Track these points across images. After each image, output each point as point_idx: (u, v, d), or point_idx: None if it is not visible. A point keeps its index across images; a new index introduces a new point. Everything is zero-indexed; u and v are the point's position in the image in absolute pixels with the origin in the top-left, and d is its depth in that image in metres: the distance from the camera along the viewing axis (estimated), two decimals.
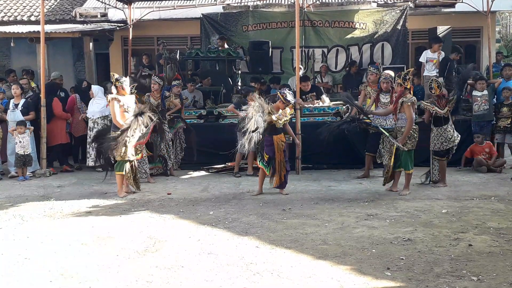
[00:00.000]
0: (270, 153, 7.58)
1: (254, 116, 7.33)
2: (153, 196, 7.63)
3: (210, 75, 11.54)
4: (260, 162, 7.72)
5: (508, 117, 9.28)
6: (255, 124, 7.24)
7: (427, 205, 6.78)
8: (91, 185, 8.56)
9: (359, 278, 4.39)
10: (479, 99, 9.28)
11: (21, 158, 9.13)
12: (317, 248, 5.16)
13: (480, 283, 4.22)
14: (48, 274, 4.60)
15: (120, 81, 7.67)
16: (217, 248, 5.20)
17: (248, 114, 7.37)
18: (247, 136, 7.23)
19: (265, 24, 12.53)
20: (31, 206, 7.14)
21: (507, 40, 22.68)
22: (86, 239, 5.58)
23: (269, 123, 7.44)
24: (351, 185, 8.18)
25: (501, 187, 7.80)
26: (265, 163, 7.63)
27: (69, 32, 11.93)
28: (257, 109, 7.41)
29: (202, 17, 12.63)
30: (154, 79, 9.29)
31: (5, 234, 5.85)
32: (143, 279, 4.45)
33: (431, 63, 9.50)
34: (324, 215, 6.35)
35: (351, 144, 9.29)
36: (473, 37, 13.83)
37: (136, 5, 12.62)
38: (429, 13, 12.96)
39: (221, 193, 7.77)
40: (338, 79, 12.53)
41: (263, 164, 7.67)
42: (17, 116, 9.39)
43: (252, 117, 7.30)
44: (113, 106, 7.52)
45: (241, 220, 6.24)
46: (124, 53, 14.14)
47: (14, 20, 13.81)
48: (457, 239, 5.32)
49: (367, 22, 12.32)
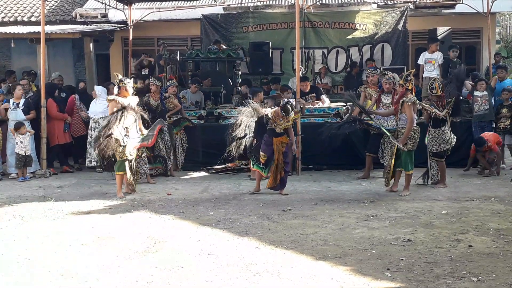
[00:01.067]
0: (269, 153, 7.58)
1: (244, 122, 7.36)
2: (153, 196, 7.63)
3: (210, 76, 11.55)
4: (255, 165, 7.73)
5: (508, 118, 9.29)
6: (245, 130, 7.26)
7: (427, 206, 6.78)
8: (91, 185, 8.57)
9: (359, 278, 4.39)
10: (479, 99, 9.30)
11: (22, 158, 9.13)
12: (317, 248, 5.16)
13: (480, 284, 4.22)
14: (48, 274, 4.60)
15: (124, 82, 7.71)
16: (217, 249, 5.20)
17: (238, 120, 7.40)
18: (235, 142, 7.26)
19: (265, 25, 12.54)
20: (31, 206, 7.14)
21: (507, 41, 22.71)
22: (86, 240, 5.58)
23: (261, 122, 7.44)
24: (351, 186, 8.18)
25: (501, 188, 7.80)
26: (262, 165, 7.64)
27: (69, 33, 11.95)
28: (248, 115, 7.44)
29: (202, 18, 12.63)
30: (152, 80, 9.32)
31: (5, 235, 5.85)
32: (143, 279, 4.46)
33: (430, 64, 9.50)
34: (324, 216, 6.36)
35: (351, 144, 9.29)
36: (473, 38, 13.84)
37: (136, 6, 12.62)
38: (429, 14, 12.98)
39: (221, 193, 7.77)
40: (337, 80, 12.55)
41: (258, 166, 7.68)
42: (18, 115, 9.41)
43: (241, 123, 7.33)
44: (111, 108, 7.53)
45: (241, 220, 6.24)
46: (124, 54, 14.15)
47: (14, 21, 13.82)
48: (457, 240, 5.32)
49: (367, 23, 12.34)
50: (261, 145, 7.63)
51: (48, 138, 9.61)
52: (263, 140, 7.60)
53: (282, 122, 7.54)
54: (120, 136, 7.36)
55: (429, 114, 7.88)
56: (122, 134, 7.39)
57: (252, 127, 7.36)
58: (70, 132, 10.11)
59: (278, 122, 7.53)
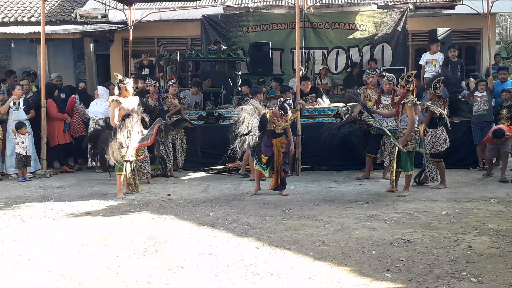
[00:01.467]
0: (269, 153, 7.59)
1: (247, 119, 7.36)
2: (153, 197, 7.63)
3: (210, 76, 11.55)
4: (257, 164, 7.73)
5: (508, 118, 9.28)
6: (248, 127, 7.26)
7: (427, 206, 6.78)
8: (91, 185, 8.57)
9: (359, 279, 4.39)
10: (479, 100, 9.30)
11: (22, 158, 9.13)
12: (317, 249, 5.16)
13: (480, 284, 4.22)
14: (48, 274, 4.60)
15: (123, 82, 7.69)
16: (217, 249, 5.20)
17: (240, 117, 7.40)
18: (239, 139, 7.26)
19: (265, 26, 12.55)
20: (31, 206, 7.14)
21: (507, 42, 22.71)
22: (86, 240, 5.58)
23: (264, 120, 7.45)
24: (351, 187, 8.18)
25: (501, 189, 7.80)
26: (263, 164, 7.65)
27: (69, 33, 11.94)
28: (250, 112, 7.44)
29: (203, 18, 12.64)
30: (149, 81, 9.33)
31: (5, 235, 5.84)
32: (143, 279, 4.46)
33: (431, 65, 9.50)
34: (324, 216, 6.36)
35: (351, 145, 9.29)
36: (473, 39, 13.83)
37: (137, 6, 12.62)
38: (429, 15, 12.97)
39: (221, 194, 7.77)
40: (337, 81, 12.56)
41: (260, 166, 7.68)
42: (20, 115, 9.42)
43: (244, 120, 7.33)
44: (113, 108, 7.53)
45: (241, 221, 6.24)
46: (124, 54, 14.14)
47: (14, 21, 13.80)
48: (457, 241, 5.32)
49: (367, 24, 12.35)
50: (261, 146, 7.63)
51: (48, 139, 9.61)
52: (262, 141, 7.59)
53: (281, 122, 7.54)
54: (123, 138, 7.36)
55: (430, 115, 7.84)
56: (125, 136, 7.40)
57: (254, 125, 7.35)
58: (70, 133, 10.12)
59: (277, 123, 7.54)
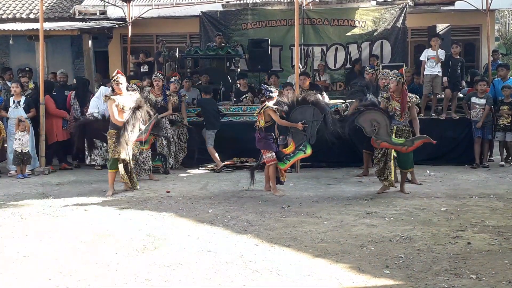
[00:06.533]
0: (274, 149, 7.56)
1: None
2: (152, 194, 7.63)
3: (209, 73, 11.53)
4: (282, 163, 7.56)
5: (509, 115, 9.28)
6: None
7: (426, 203, 6.79)
8: (90, 183, 8.56)
9: (358, 276, 4.39)
10: (477, 107, 9.26)
11: (19, 155, 9.12)
12: (316, 246, 5.16)
13: (479, 281, 4.22)
14: (47, 271, 4.59)
15: (116, 80, 7.58)
16: (216, 246, 5.20)
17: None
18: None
19: (264, 22, 12.54)
20: (30, 204, 7.13)
21: (506, 38, 22.70)
22: (85, 237, 5.58)
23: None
24: (350, 184, 8.18)
25: (500, 185, 7.80)
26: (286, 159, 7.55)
27: (68, 30, 11.92)
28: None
29: (201, 15, 12.63)
30: (158, 76, 9.28)
31: (4, 232, 5.84)
32: (142, 277, 4.45)
33: (432, 61, 9.46)
34: (323, 213, 6.36)
35: (350, 142, 9.27)
36: (472, 35, 13.84)
37: (135, 2, 12.62)
38: (429, 11, 12.97)
39: (220, 191, 7.77)
40: (336, 77, 12.55)
41: (285, 162, 7.55)
42: (20, 114, 9.38)
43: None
44: (110, 106, 7.50)
45: (240, 218, 6.24)
46: (123, 51, 14.14)
47: (13, 18, 13.80)
48: (456, 237, 5.32)
49: (366, 20, 12.33)
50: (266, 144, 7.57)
51: (47, 136, 9.59)
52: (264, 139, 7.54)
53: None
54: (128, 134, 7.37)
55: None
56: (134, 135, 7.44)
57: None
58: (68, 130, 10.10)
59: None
